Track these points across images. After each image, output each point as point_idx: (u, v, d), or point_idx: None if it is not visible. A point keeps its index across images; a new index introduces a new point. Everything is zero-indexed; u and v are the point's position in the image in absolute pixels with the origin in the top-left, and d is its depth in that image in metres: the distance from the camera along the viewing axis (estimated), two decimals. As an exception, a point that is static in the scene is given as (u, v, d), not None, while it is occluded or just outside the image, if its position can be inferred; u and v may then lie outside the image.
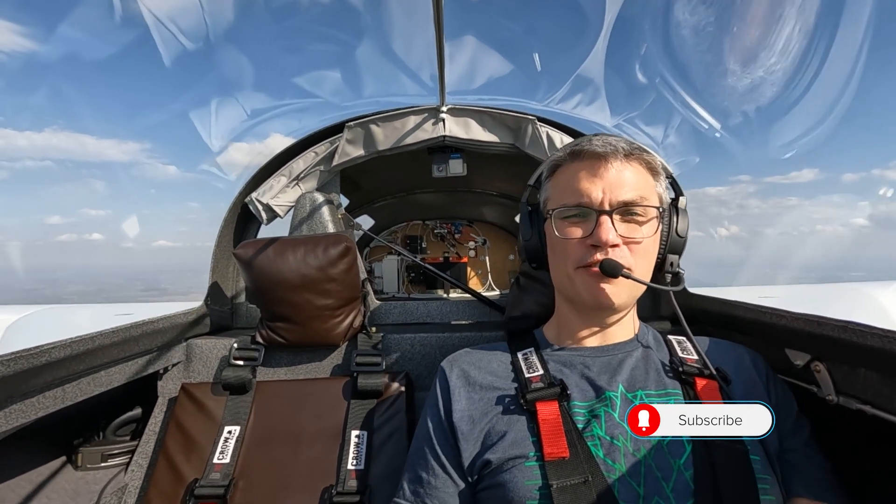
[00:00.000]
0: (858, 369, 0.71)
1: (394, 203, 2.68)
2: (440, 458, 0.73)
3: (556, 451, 0.65)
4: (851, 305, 2.28)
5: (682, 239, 0.80)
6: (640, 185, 0.74)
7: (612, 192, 0.71)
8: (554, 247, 0.78)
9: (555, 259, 0.79)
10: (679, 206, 0.81)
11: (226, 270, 1.44)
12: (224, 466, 1.00)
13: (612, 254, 0.70)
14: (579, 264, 0.72)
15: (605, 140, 0.75)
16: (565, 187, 0.76)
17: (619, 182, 0.72)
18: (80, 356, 0.88)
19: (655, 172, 0.78)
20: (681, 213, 0.81)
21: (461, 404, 0.75)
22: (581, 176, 0.74)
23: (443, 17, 0.94)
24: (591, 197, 0.72)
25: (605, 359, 0.77)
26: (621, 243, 0.71)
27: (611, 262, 0.69)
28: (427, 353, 1.23)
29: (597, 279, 0.71)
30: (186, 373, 1.21)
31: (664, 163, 0.79)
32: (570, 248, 0.74)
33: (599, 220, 0.71)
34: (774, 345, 0.86)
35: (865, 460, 0.78)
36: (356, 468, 0.99)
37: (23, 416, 0.81)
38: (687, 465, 0.63)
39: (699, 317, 1.14)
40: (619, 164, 0.73)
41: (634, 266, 0.71)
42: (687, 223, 0.81)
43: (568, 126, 1.42)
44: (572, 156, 0.77)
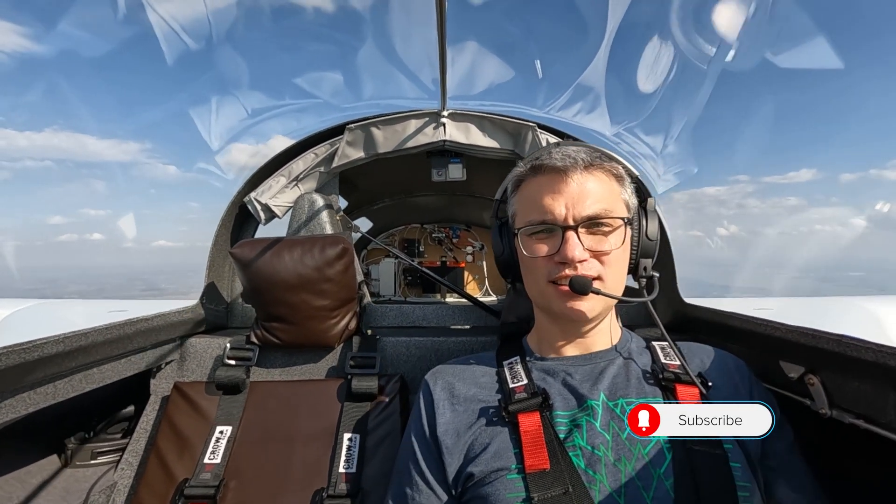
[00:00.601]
0: (852, 383, 0.71)
1: (392, 206, 2.68)
2: (424, 473, 0.73)
3: (536, 464, 0.65)
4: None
5: (652, 242, 0.79)
6: (604, 195, 0.73)
7: (576, 207, 0.71)
8: (524, 263, 0.78)
9: (527, 274, 0.79)
10: (648, 208, 0.81)
11: (222, 269, 1.44)
12: (215, 467, 0.99)
13: (581, 268, 0.70)
14: (549, 279, 0.72)
15: (565, 152, 0.74)
16: (529, 203, 0.76)
17: (581, 195, 0.71)
18: (72, 352, 0.88)
19: (620, 179, 0.77)
20: (650, 216, 0.80)
21: (445, 417, 0.75)
22: (543, 191, 0.73)
23: (445, 22, 0.94)
24: (555, 213, 0.71)
25: (587, 367, 0.77)
26: (589, 257, 0.71)
27: (579, 280, 0.68)
28: (422, 356, 1.22)
29: (568, 297, 0.71)
30: (180, 371, 1.20)
31: (629, 166, 0.79)
32: (538, 265, 0.74)
33: (565, 237, 0.70)
34: (769, 356, 0.87)
35: (858, 474, 0.78)
36: (348, 471, 0.98)
37: (13, 411, 0.80)
38: (667, 473, 0.63)
39: (694, 326, 1.14)
40: (579, 176, 0.72)
41: (605, 276, 0.71)
42: (657, 225, 0.80)
43: (568, 134, 1.43)
44: (533, 170, 0.76)
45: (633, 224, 0.77)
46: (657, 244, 0.80)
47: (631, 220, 0.76)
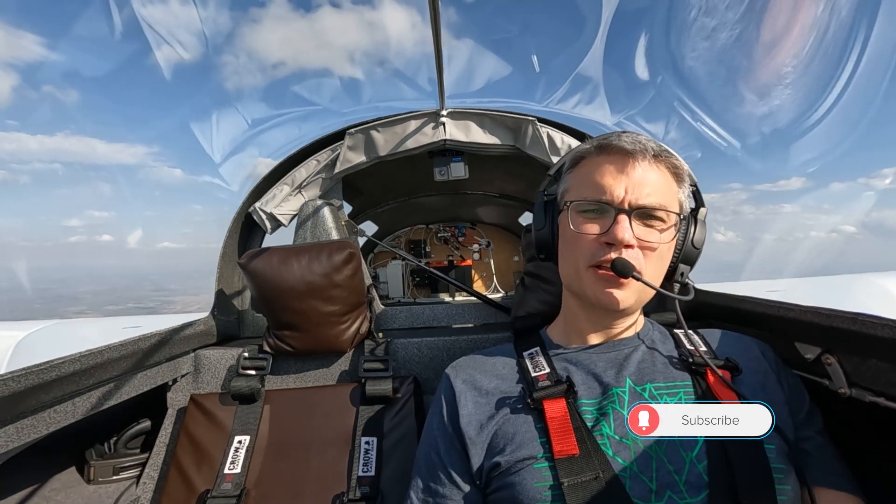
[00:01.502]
0: (870, 361, 0.70)
1: (396, 208, 2.68)
2: (446, 466, 0.72)
3: (565, 449, 0.64)
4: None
5: (696, 251, 0.78)
6: (664, 189, 0.72)
7: (635, 192, 0.69)
8: (566, 240, 0.76)
9: (566, 252, 0.77)
10: (699, 216, 0.80)
11: (231, 280, 1.45)
12: (235, 476, 1.00)
13: (624, 254, 0.69)
14: (591, 262, 0.71)
15: (635, 138, 0.72)
16: (587, 180, 0.74)
17: (642, 182, 0.70)
18: (89, 370, 0.89)
19: (680, 179, 0.75)
20: (699, 225, 0.79)
21: (468, 409, 0.74)
22: (605, 170, 0.72)
23: (440, 22, 0.94)
24: (613, 194, 0.70)
25: (610, 355, 0.76)
26: (636, 245, 0.69)
27: (622, 261, 0.67)
28: (434, 356, 1.22)
29: (605, 282, 0.70)
30: (195, 384, 1.22)
31: (690, 171, 0.77)
32: (583, 244, 0.72)
33: (617, 219, 0.69)
34: (784, 338, 0.86)
35: (880, 453, 0.77)
36: (367, 474, 0.99)
37: (35, 431, 0.81)
38: (700, 457, 0.62)
39: (706, 312, 1.14)
40: (646, 164, 0.71)
41: (645, 270, 0.70)
42: (704, 235, 0.79)
43: (568, 126, 1.42)
44: (599, 149, 0.75)
45: (681, 227, 0.76)
46: (699, 254, 0.79)
47: (684, 219, 0.75)
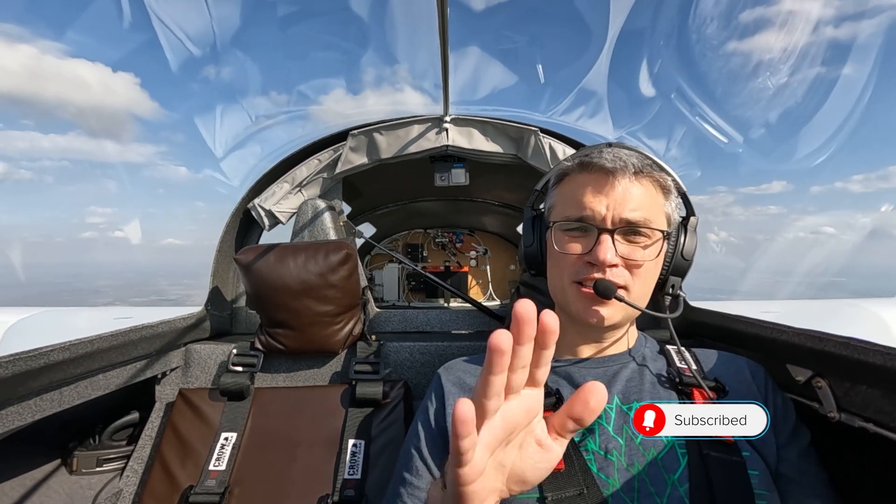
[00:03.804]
0: (860, 386, 0.71)
1: (395, 211, 2.68)
2: (427, 460, 0.72)
3: None
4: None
5: (686, 262, 0.78)
6: (647, 204, 0.71)
7: (617, 209, 0.69)
8: (552, 258, 0.77)
9: (552, 269, 0.78)
10: (689, 226, 0.79)
11: (226, 275, 1.44)
12: (220, 473, 0.99)
13: (609, 273, 0.68)
14: (574, 279, 0.71)
15: (616, 154, 0.72)
16: (570, 198, 0.75)
17: (625, 199, 0.69)
18: (78, 359, 0.88)
19: (667, 191, 0.75)
20: (689, 234, 0.79)
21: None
22: (587, 189, 0.72)
23: (448, 28, 0.95)
24: (594, 212, 0.70)
25: (599, 370, 0.76)
26: (620, 263, 0.69)
27: (605, 283, 0.67)
28: (426, 361, 1.22)
29: (590, 300, 0.70)
30: (184, 378, 1.21)
31: (678, 179, 0.77)
32: (567, 263, 0.73)
33: (600, 239, 0.69)
34: (775, 360, 0.86)
35: (867, 479, 0.77)
36: (353, 477, 0.98)
37: (19, 418, 0.80)
38: (682, 480, 0.62)
39: (699, 330, 1.14)
40: (626, 181, 0.70)
41: (632, 287, 0.70)
42: (695, 245, 0.79)
43: (570, 138, 1.43)
44: (580, 166, 0.75)
45: (670, 239, 0.76)
46: (690, 265, 0.79)
47: (669, 234, 0.75)
